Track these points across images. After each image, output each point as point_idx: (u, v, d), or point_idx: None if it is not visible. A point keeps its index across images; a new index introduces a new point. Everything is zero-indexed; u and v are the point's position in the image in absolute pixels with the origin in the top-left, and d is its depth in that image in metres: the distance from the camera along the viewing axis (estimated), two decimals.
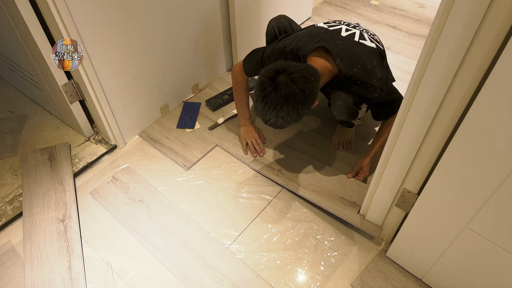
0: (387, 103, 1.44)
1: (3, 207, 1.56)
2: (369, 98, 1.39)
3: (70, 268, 1.33)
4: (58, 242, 1.40)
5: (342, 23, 1.54)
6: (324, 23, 1.55)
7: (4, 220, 1.51)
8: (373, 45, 1.44)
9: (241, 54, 2.12)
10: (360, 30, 1.49)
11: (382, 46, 1.54)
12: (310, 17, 2.61)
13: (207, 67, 2.04)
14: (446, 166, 0.94)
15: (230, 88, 2.02)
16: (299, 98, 1.18)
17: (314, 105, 1.26)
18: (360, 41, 1.42)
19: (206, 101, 1.97)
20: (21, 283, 1.32)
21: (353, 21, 2.57)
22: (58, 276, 1.31)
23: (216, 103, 1.94)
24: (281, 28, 1.64)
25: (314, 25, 1.56)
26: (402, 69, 2.15)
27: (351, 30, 1.47)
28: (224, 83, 2.10)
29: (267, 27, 1.68)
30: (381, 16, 2.62)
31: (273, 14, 2.18)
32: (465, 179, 0.92)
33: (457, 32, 0.77)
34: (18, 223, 1.51)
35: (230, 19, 1.96)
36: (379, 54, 1.44)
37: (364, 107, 1.51)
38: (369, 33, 1.53)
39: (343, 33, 1.43)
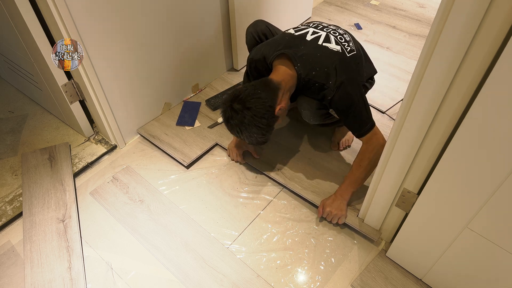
0: (347, 116, 1.34)
1: (3, 207, 1.56)
2: (326, 99, 1.34)
3: (70, 268, 1.33)
4: (58, 242, 1.40)
5: (311, 25, 1.51)
6: (294, 28, 1.52)
7: (4, 220, 1.51)
8: (338, 47, 1.39)
9: (241, 54, 2.12)
10: (327, 32, 1.45)
11: (356, 47, 1.47)
12: (310, 17, 2.61)
13: (207, 67, 2.04)
14: (446, 166, 0.94)
15: (230, 88, 2.02)
16: (248, 116, 1.26)
17: (277, 110, 1.31)
18: (324, 44, 1.39)
19: (206, 100, 1.97)
20: (21, 283, 1.32)
21: (353, 21, 2.57)
22: (58, 276, 1.31)
23: (216, 102, 1.94)
24: (259, 32, 1.62)
25: (286, 31, 1.54)
26: (402, 69, 2.15)
27: (318, 32, 1.44)
28: (224, 83, 2.10)
29: (246, 34, 1.66)
30: (381, 16, 2.62)
31: (273, 15, 2.18)
32: (465, 179, 0.92)
33: (457, 32, 0.77)
34: (18, 223, 1.51)
35: (230, 19, 1.96)
36: (343, 57, 1.37)
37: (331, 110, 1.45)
38: (338, 34, 1.46)
39: (308, 37, 1.42)
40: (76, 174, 1.68)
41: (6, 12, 1.42)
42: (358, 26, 2.52)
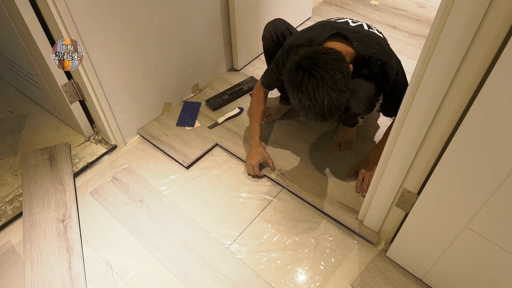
0: (397, 97, 1.32)
1: (3, 207, 1.56)
2: (388, 82, 1.32)
3: (70, 268, 1.33)
4: (58, 242, 1.40)
5: (346, 18, 1.53)
6: (329, 19, 1.54)
7: (4, 220, 1.51)
8: (381, 36, 1.45)
9: (241, 54, 2.12)
10: (365, 23, 1.49)
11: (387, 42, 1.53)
12: (310, 17, 2.61)
13: (207, 67, 2.04)
14: (446, 166, 0.94)
15: (230, 88, 2.02)
16: (329, 59, 1.10)
17: (351, 69, 1.19)
18: (370, 30, 1.43)
19: (206, 100, 1.97)
20: (21, 283, 1.32)
21: None
22: (58, 276, 1.31)
23: (216, 103, 1.94)
24: (278, 32, 1.57)
25: (323, 21, 1.54)
26: None
27: (357, 22, 1.47)
28: (224, 83, 2.10)
29: (264, 31, 1.61)
30: (381, 16, 2.62)
31: (273, 15, 2.18)
32: (465, 179, 0.92)
33: (457, 32, 0.77)
34: (18, 223, 1.51)
35: (230, 19, 1.96)
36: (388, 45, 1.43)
37: (380, 99, 1.45)
38: (373, 27, 1.52)
39: (351, 24, 1.44)
40: (76, 174, 1.68)
41: (6, 12, 1.42)
42: None
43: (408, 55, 2.28)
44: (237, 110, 1.91)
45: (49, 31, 1.42)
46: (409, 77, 1.12)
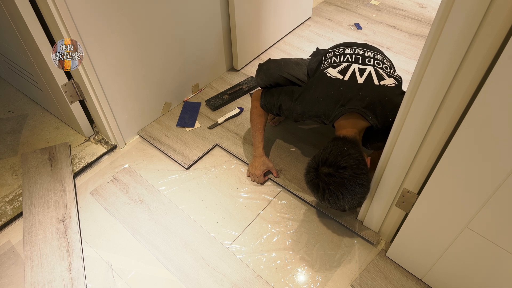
0: None
1: (3, 207, 1.56)
2: None
3: (70, 268, 1.33)
4: (58, 242, 1.40)
5: (350, 60, 1.39)
6: (332, 66, 1.39)
7: (4, 220, 1.51)
8: (393, 81, 1.34)
9: (241, 54, 2.12)
10: (373, 66, 1.37)
11: (395, 70, 1.44)
12: (310, 17, 2.61)
13: (207, 67, 2.04)
14: (446, 166, 0.94)
15: (230, 88, 2.02)
16: (349, 175, 1.12)
17: (368, 162, 1.21)
18: (381, 83, 1.31)
19: (206, 101, 1.97)
20: (21, 283, 1.32)
21: (353, 21, 2.57)
22: (58, 276, 1.31)
23: (216, 103, 1.94)
24: (271, 81, 1.51)
25: (324, 74, 1.37)
26: (402, 69, 2.15)
27: (364, 69, 1.34)
28: (224, 83, 2.10)
29: (256, 76, 1.57)
30: (381, 16, 2.62)
31: (273, 14, 2.18)
32: (465, 179, 0.92)
33: (457, 32, 0.77)
34: (18, 223, 1.51)
35: (230, 19, 1.96)
36: (401, 89, 1.35)
37: None
38: (383, 64, 1.40)
39: (360, 80, 1.32)
40: (76, 174, 1.68)
41: (6, 12, 1.42)
42: (358, 26, 2.52)
43: (408, 55, 2.28)
44: (237, 110, 1.91)
45: (49, 31, 1.42)
46: (409, 77, 1.13)
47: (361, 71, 1.35)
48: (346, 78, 1.33)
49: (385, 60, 1.45)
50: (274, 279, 1.32)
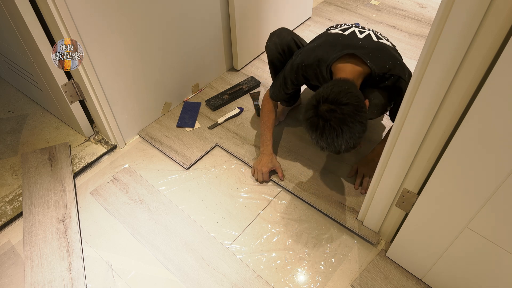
0: None
1: (3, 207, 1.56)
2: (401, 95, 1.29)
3: (70, 268, 1.33)
4: (58, 242, 1.40)
5: (351, 25, 1.50)
6: (333, 27, 1.51)
7: (4, 220, 1.51)
8: (389, 43, 1.43)
9: (241, 54, 2.12)
10: (372, 31, 1.45)
11: (395, 47, 1.52)
12: (310, 17, 2.61)
13: (207, 67, 2.04)
14: (446, 166, 0.94)
15: (230, 88, 2.02)
16: (351, 111, 1.11)
17: (367, 104, 1.20)
18: (379, 40, 1.40)
19: (206, 101, 1.97)
20: (21, 283, 1.32)
21: (353, 21, 2.57)
22: (58, 276, 1.31)
23: (216, 103, 1.94)
24: (284, 44, 1.53)
25: (326, 32, 1.50)
26: None
27: (364, 31, 1.43)
28: (224, 83, 2.10)
29: (268, 42, 1.57)
30: (381, 16, 2.62)
31: (273, 14, 2.18)
32: (465, 179, 0.92)
33: (457, 32, 0.77)
34: (18, 223, 1.51)
35: (230, 19, 1.96)
36: (398, 52, 1.42)
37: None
38: (379, 34, 1.50)
39: (359, 36, 1.39)
40: (76, 174, 1.68)
41: (6, 12, 1.42)
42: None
43: (408, 55, 2.28)
44: (237, 110, 1.91)
45: (49, 31, 1.42)
46: None
47: (361, 32, 1.42)
48: (346, 33, 1.40)
49: (384, 35, 1.53)
50: (274, 279, 1.32)
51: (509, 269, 0.99)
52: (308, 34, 2.46)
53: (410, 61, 2.22)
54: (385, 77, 1.31)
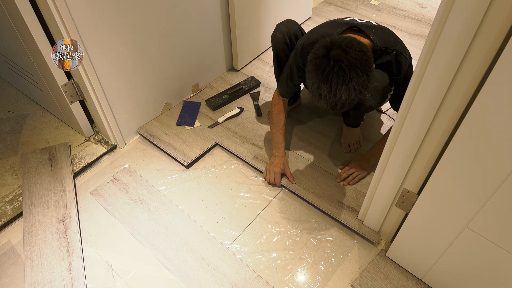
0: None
1: (3, 207, 1.56)
2: (400, 73, 1.32)
3: (70, 268, 1.33)
4: (58, 242, 1.40)
5: (352, 17, 1.51)
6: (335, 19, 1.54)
7: (4, 220, 1.51)
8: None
9: (241, 54, 2.12)
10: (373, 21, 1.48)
11: None
12: (310, 17, 2.61)
13: (207, 67, 2.04)
14: (446, 166, 0.94)
15: (230, 88, 2.02)
16: (363, 59, 1.09)
17: (373, 66, 1.18)
18: (379, 24, 1.42)
19: (206, 100, 1.97)
20: (21, 283, 1.32)
21: None
22: (58, 276, 1.31)
23: (216, 102, 1.94)
24: (291, 33, 1.53)
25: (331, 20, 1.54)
26: None
27: (363, 19, 1.46)
28: (224, 83, 2.10)
29: (275, 32, 1.56)
30: (381, 16, 2.62)
31: (273, 14, 2.18)
32: (465, 179, 0.92)
33: (457, 32, 0.77)
34: (18, 223, 1.51)
35: (230, 19, 1.96)
36: None
37: (392, 89, 1.44)
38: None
39: (359, 21, 1.42)
40: (76, 174, 1.68)
41: (6, 12, 1.42)
42: None
43: None
44: (237, 110, 1.91)
45: (49, 31, 1.42)
46: None
47: (361, 20, 1.43)
48: (347, 20, 1.42)
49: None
50: (274, 279, 1.32)
51: (509, 269, 0.99)
52: None
53: None
54: (387, 51, 1.31)
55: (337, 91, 1.09)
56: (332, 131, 1.79)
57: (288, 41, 1.54)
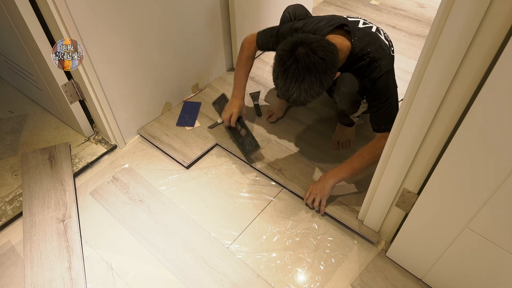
0: (384, 112, 1.34)
1: (3, 207, 1.56)
2: (368, 77, 1.32)
3: (70, 268, 1.33)
4: (58, 242, 1.40)
5: (359, 18, 1.53)
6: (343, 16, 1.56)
7: (4, 220, 1.51)
8: (386, 42, 1.45)
9: None
10: (377, 27, 1.50)
11: (393, 48, 1.53)
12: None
13: (207, 67, 2.04)
14: (446, 166, 0.94)
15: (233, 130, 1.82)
16: (321, 67, 1.14)
17: (336, 76, 1.23)
18: (376, 33, 1.43)
19: (213, 103, 1.88)
20: (21, 283, 1.32)
21: None
22: (58, 276, 1.31)
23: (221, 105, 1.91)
24: (297, 14, 1.62)
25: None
26: (402, 69, 2.15)
27: (368, 24, 1.48)
28: (224, 83, 2.10)
29: (283, 13, 1.67)
30: (381, 16, 2.62)
31: (273, 14, 2.18)
32: (465, 179, 0.92)
33: (457, 32, 0.77)
34: (18, 223, 1.51)
35: (230, 18, 1.96)
36: (390, 52, 1.43)
37: (365, 103, 1.46)
38: (385, 33, 1.53)
39: (360, 25, 1.44)
40: (76, 174, 1.68)
41: (6, 12, 1.42)
42: None
43: (408, 55, 2.28)
44: None
45: (49, 31, 1.42)
46: (409, 77, 1.12)
47: (365, 24, 1.47)
48: (350, 19, 1.45)
49: (389, 38, 1.56)
50: (274, 279, 1.32)
51: (509, 269, 0.99)
52: None
53: (410, 61, 2.22)
54: (363, 58, 1.33)
55: (289, 87, 1.17)
56: (332, 131, 1.79)
57: (293, 20, 1.62)
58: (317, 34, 1.36)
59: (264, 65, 2.21)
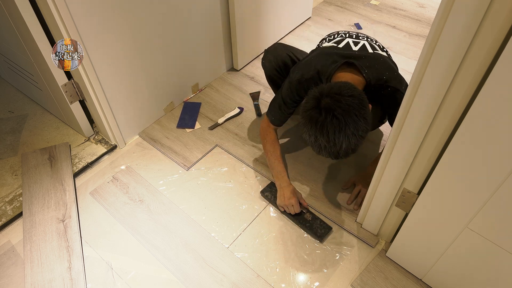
0: None
1: (3, 207, 1.56)
2: (396, 107, 1.08)
3: (70, 268, 1.33)
4: (58, 242, 1.40)
5: (343, 35, 1.46)
6: (327, 41, 1.46)
7: (4, 220, 1.51)
8: (384, 53, 1.40)
9: (241, 54, 2.12)
10: (365, 41, 1.43)
11: (389, 53, 1.49)
12: (310, 17, 2.61)
13: (207, 67, 2.04)
14: (446, 166, 0.94)
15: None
16: (355, 103, 1.06)
17: (370, 107, 1.13)
18: (375, 51, 1.37)
19: (260, 192, 1.58)
20: (21, 283, 1.32)
21: (353, 21, 2.57)
22: (58, 276, 1.31)
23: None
24: (279, 61, 1.52)
25: (318, 46, 1.47)
26: (402, 69, 2.13)
27: (358, 42, 1.40)
28: (224, 83, 2.11)
29: (263, 60, 1.57)
30: (381, 16, 2.62)
31: (273, 15, 2.19)
32: (465, 179, 0.92)
33: (457, 32, 0.77)
34: (18, 223, 1.51)
35: (230, 18, 1.96)
36: (392, 61, 1.38)
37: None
38: (374, 41, 1.47)
39: (354, 48, 1.37)
40: (76, 174, 1.68)
41: (6, 12, 1.42)
42: (358, 26, 2.52)
43: (408, 55, 2.28)
44: (237, 110, 1.91)
45: (49, 31, 1.42)
46: (409, 77, 1.12)
47: (355, 43, 1.38)
48: (341, 46, 1.38)
49: (378, 42, 1.50)
50: (274, 279, 1.32)
51: (509, 269, 0.99)
52: (308, 34, 2.46)
53: (410, 61, 2.22)
54: (382, 88, 1.27)
55: (336, 140, 1.06)
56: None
57: (277, 68, 1.55)
58: (322, 76, 1.29)
59: None
